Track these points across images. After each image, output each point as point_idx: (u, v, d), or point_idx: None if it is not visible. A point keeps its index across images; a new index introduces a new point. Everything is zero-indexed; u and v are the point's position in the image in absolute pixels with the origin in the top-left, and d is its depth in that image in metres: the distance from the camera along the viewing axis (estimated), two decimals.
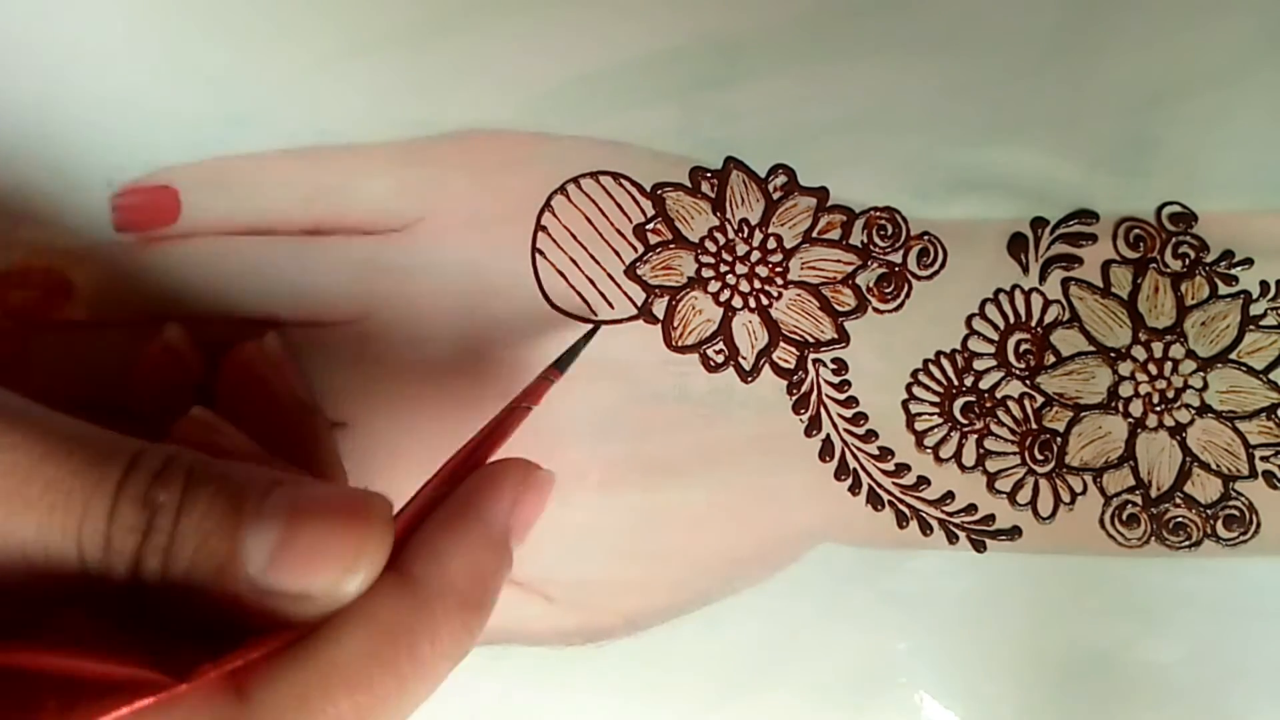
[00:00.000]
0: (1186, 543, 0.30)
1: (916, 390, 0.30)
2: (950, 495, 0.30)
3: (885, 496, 0.30)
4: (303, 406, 0.28)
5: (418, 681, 0.20)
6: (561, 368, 0.28)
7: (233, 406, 0.27)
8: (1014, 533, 0.30)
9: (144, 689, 0.17)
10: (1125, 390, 0.30)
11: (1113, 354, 0.30)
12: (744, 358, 0.30)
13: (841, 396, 0.30)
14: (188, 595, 0.19)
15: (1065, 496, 0.30)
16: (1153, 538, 0.30)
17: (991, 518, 0.30)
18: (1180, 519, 0.30)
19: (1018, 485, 0.30)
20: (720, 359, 0.30)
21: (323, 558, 0.19)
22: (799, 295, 0.30)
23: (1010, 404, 0.30)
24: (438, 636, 0.20)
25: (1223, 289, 0.30)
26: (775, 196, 0.30)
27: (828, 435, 0.30)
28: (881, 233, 0.30)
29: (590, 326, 0.30)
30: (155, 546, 0.19)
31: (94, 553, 0.19)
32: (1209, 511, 0.30)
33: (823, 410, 0.30)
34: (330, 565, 0.19)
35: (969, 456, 0.30)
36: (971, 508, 0.30)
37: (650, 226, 0.30)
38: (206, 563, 0.19)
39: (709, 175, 0.30)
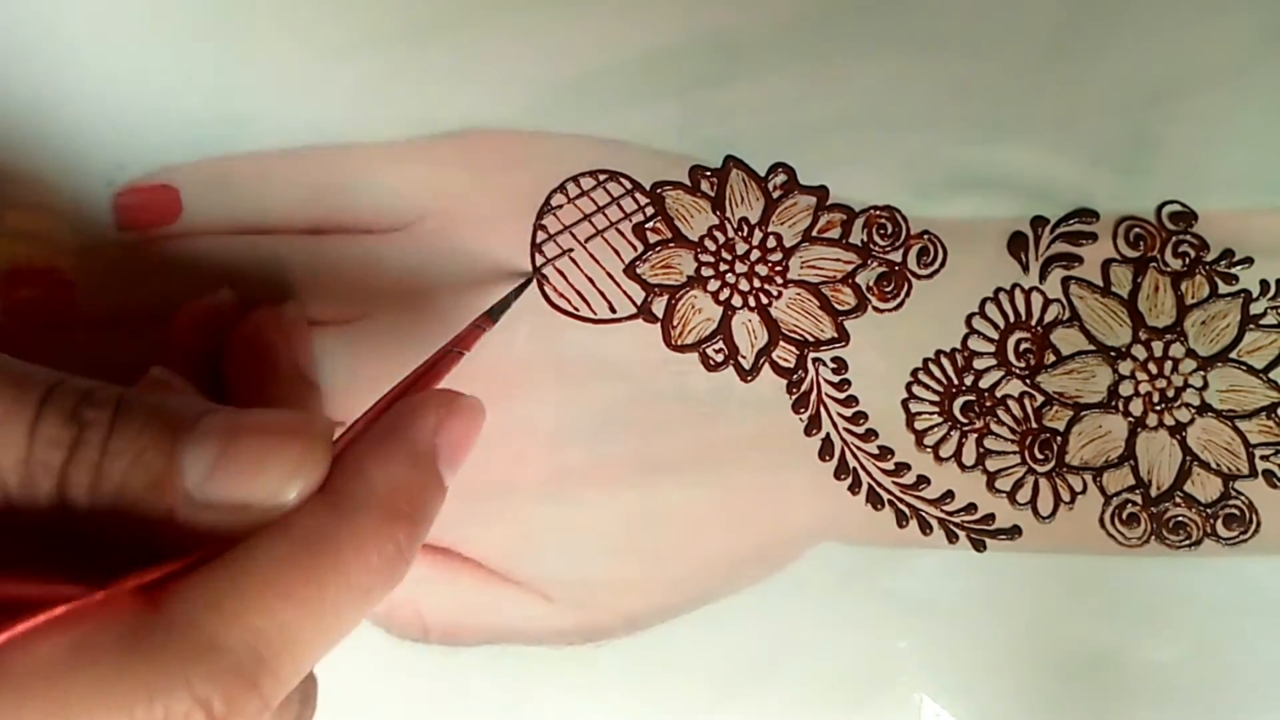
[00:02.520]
0: (1186, 542, 0.30)
1: (916, 389, 0.30)
2: (950, 494, 0.30)
3: (885, 496, 0.30)
4: (302, 379, 0.28)
5: (341, 594, 0.19)
6: (494, 316, 0.28)
7: (236, 365, 0.27)
8: (1014, 532, 0.30)
9: (57, 602, 0.17)
10: (1125, 389, 0.30)
11: (1113, 353, 0.30)
12: (744, 357, 0.30)
13: (841, 395, 0.30)
14: (117, 519, 0.19)
15: (1065, 496, 0.30)
16: (1153, 537, 0.30)
17: (991, 517, 0.30)
18: (1180, 518, 0.30)
19: (1018, 484, 0.30)
20: (720, 358, 0.30)
21: (263, 465, 0.19)
22: (799, 294, 0.30)
23: (1010, 403, 0.30)
24: (362, 548, 0.19)
25: (1223, 288, 0.30)
26: (775, 195, 0.30)
27: (827, 434, 0.30)
28: (881, 231, 0.30)
29: (526, 277, 0.30)
30: (84, 461, 0.18)
31: (13, 473, 0.18)
32: (1209, 511, 0.30)
33: (822, 409, 0.30)
34: (271, 473, 0.19)
35: (969, 456, 0.30)
36: (971, 507, 0.30)
37: (650, 225, 0.30)
38: (141, 478, 0.19)
39: (708, 174, 0.30)
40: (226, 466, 0.19)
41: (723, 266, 0.30)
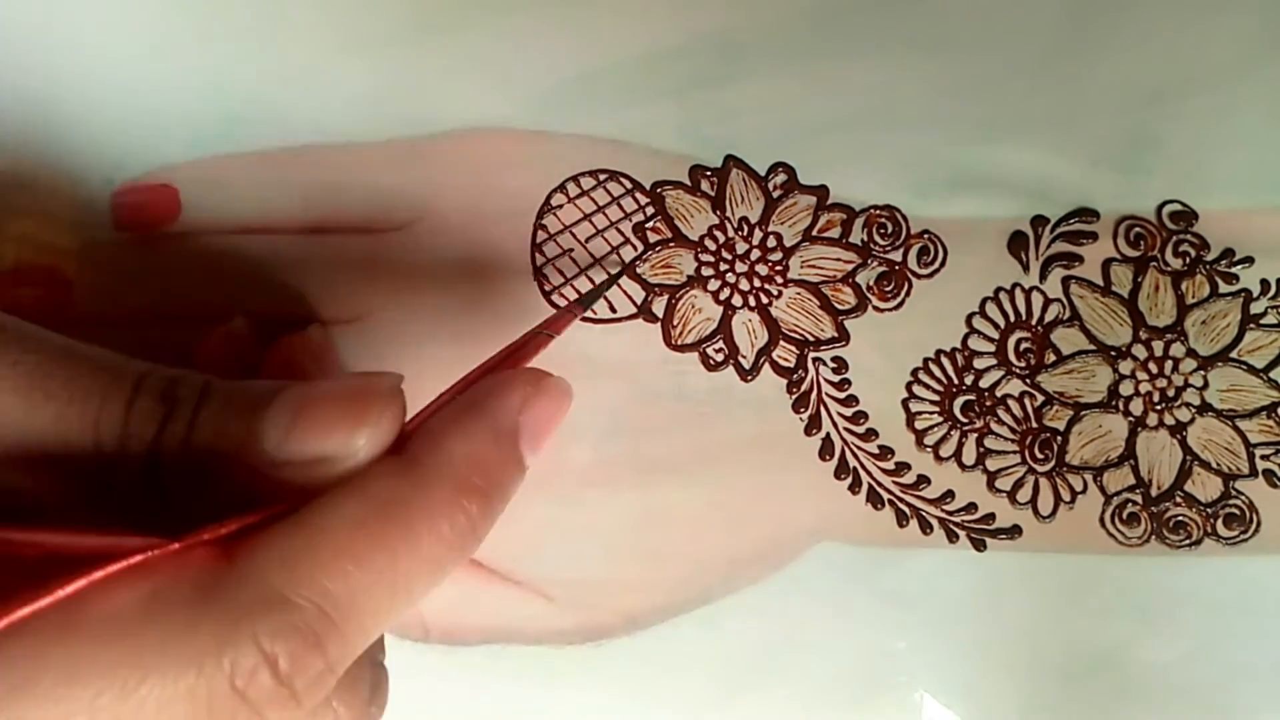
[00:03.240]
0: (1187, 541, 0.30)
1: (916, 389, 0.30)
2: (950, 494, 0.30)
3: (885, 495, 0.30)
4: None
5: (411, 563, 0.19)
6: (585, 304, 0.28)
7: None
8: (1014, 531, 0.30)
9: (135, 552, 0.17)
10: (1126, 389, 0.30)
11: (1113, 352, 0.30)
12: (744, 356, 0.30)
13: (841, 395, 0.30)
14: (202, 481, 0.19)
15: (1065, 495, 0.30)
16: (1153, 536, 0.30)
17: (991, 516, 0.30)
18: (1180, 518, 0.30)
19: (1018, 484, 0.30)
20: (720, 358, 0.30)
21: (333, 420, 0.19)
22: (799, 294, 0.30)
23: (1010, 403, 0.30)
24: (434, 517, 0.20)
25: (1223, 287, 0.30)
26: (775, 195, 0.30)
27: (827, 434, 0.30)
28: (882, 231, 0.30)
29: (616, 271, 0.30)
30: (173, 433, 0.20)
31: (111, 440, 0.19)
32: (1209, 510, 0.30)
33: (822, 409, 0.30)
34: (341, 425, 0.19)
35: (969, 455, 0.30)
36: (971, 506, 0.30)
37: (650, 225, 0.30)
38: (224, 443, 0.20)
39: (709, 173, 0.30)
40: (300, 425, 0.19)
41: (723, 266, 0.30)
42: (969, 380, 0.30)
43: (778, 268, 0.30)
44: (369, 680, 0.22)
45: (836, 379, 0.30)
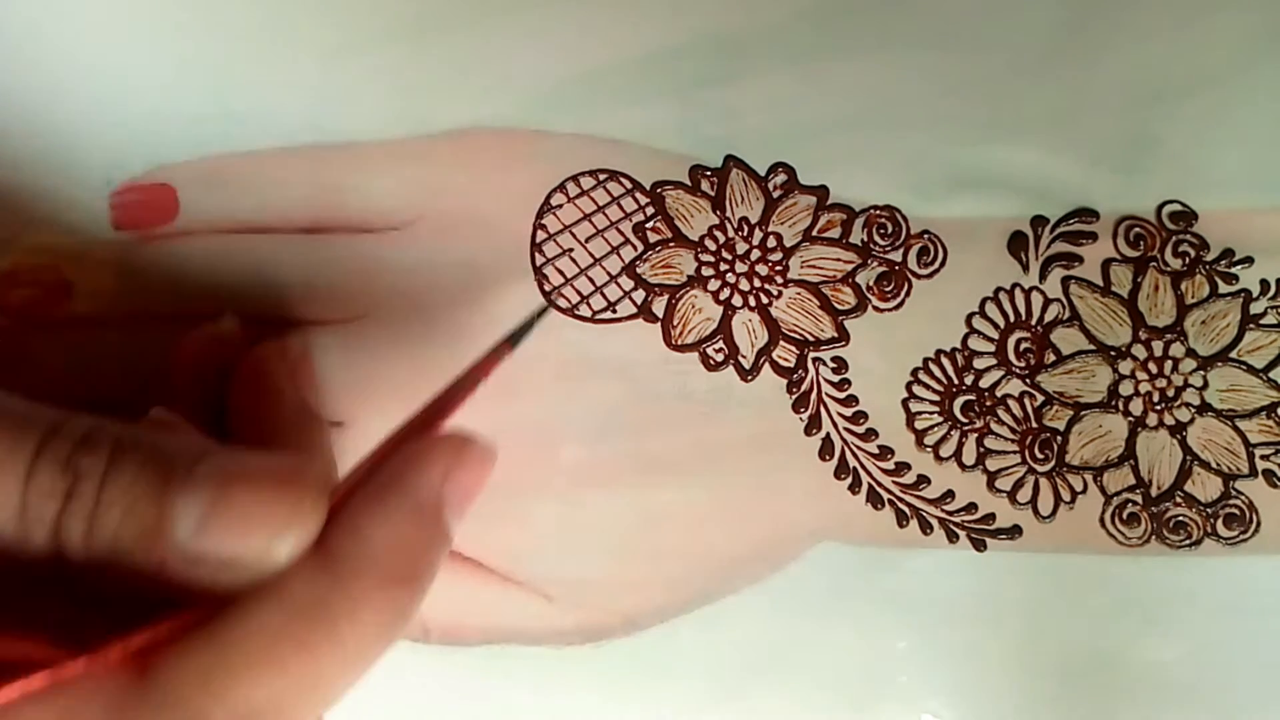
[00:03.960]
0: (1187, 541, 0.30)
1: (916, 389, 0.30)
2: (950, 494, 0.30)
3: (885, 495, 0.30)
4: (307, 414, 0.27)
5: (336, 662, 0.18)
6: (514, 343, 0.27)
7: (240, 400, 0.26)
8: (1014, 532, 0.30)
9: (39, 667, 0.16)
10: (1125, 389, 0.30)
11: (1113, 352, 0.30)
12: (744, 356, 0.30)
13: (841, 395, 0.30)
14: (112, 569, 0.18)
15: (1065, 495, 0.30)
16: (1153, 536, 0.30)
17: (992, 517, 0.30)
18: (1180, 518, 0.30)
19: (1018, 484, 0.30)
20: (720, 357, 0.30)
21: (253, 521, 0.18)
22: (799, 294, 0.30)
23: (1010, 403, 0.30)
24: (358, 614, 0.18)
25: (1223, 287, 0.30)
26: (775, 195, 0.30)
27: (827, 434, 0.30)
28: (881, 231, 0.30)
29: (542, 304, 0.29)
30: (78, 512, 0.18)
31: (9, 524, 0.18)
32: (1209, 510, 0.30)
33: (822, 409, 0.30)
34: (261, 528, 0.18)
35: (969, 455, 0.30)
36: (971, 506, 0.30)
37: (650, 225, 0.30)
38: (133, 529, 0.18)
39: (709, 173, 0.30)
40: (216, 520, 0.18)
41: (723, 266, 0.30)
42: (969, 380, 0.30)
43: (778, 268, 0.30)
44: None
45: (836, 379, 0.30)
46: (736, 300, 0.30)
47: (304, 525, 0.19)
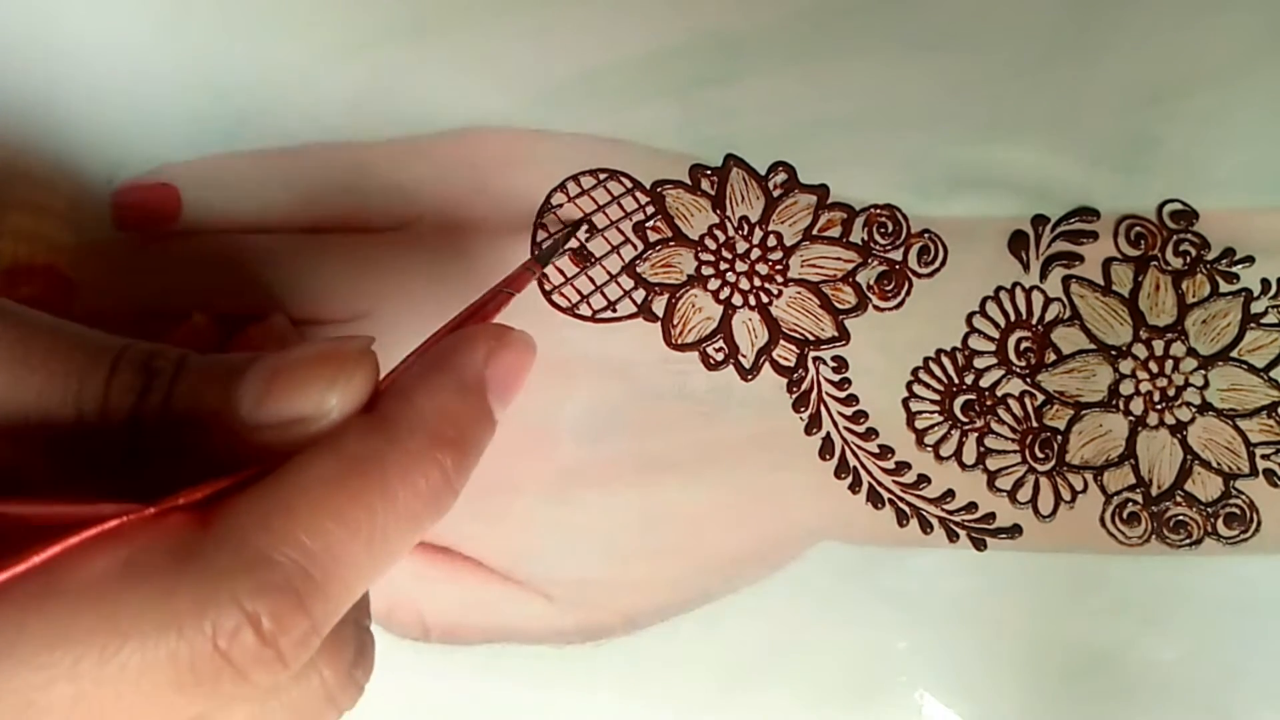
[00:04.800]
0: (1187, 541, 0.30)
1: (917, 388, 0.30)
2: (950, 493, 0.30)
3: (885, 495, 0.30)
4: None
5: (390, 516, 0.19)
6: (543, 261, 0.28)
7: None
8: (1014, 531, 0.30)
9: (110, 518, 0.17)
10: (1126, 388, 0.30)
11: (1113, 352, 0.30)
12: (744, 356, 0.30)
13: (841, 394, 0.30)
14: (181, 449, 0.20)
15: (1066, 495, 0.30)
16: (1153, 536, 0.30)
17: (992, 516, 0.30)
18: (1181, 517, 0.30)
19: (1018, 483, 0.30)
20: (720, 357, 0.30)
21: (307, 380, 0.19)
22: (799, 293, 0.30)
23: (1011, 402, 0.30)
24: (409, 472, 0.19)
25: (1224, 287, 0.30)
26: (775, 194, 0.30)
27: (828, 433, 0.30)
28: (882, 230, 0.30)
29: (577, 220, 0.29)
30: (151, 402, 0.20)
31: (92, 411, 0.20)
32: (1210, 510, 0.30)
33: (823, 408, 0.30)
34: (314, 384, 0.19)
35: (969, 455, 0.30)
36: (972, 506, 0.30)
37: (650, 224, 0.30)
38: (201, 410, 0.20)
39: (709, 173, 0.30)
40: (275, 388, 0.19)
41: (723, 265, 0.30)
42: (969, 380, 0.30)
43: (778, 267, 0.30)
44: (353, 643, 0.22)
45: (837, 378, 0.30)
46: (737, 299, 0.30)
47: (352, 379, 0.20)
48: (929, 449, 0.30)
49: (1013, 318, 0.30)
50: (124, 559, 0.17)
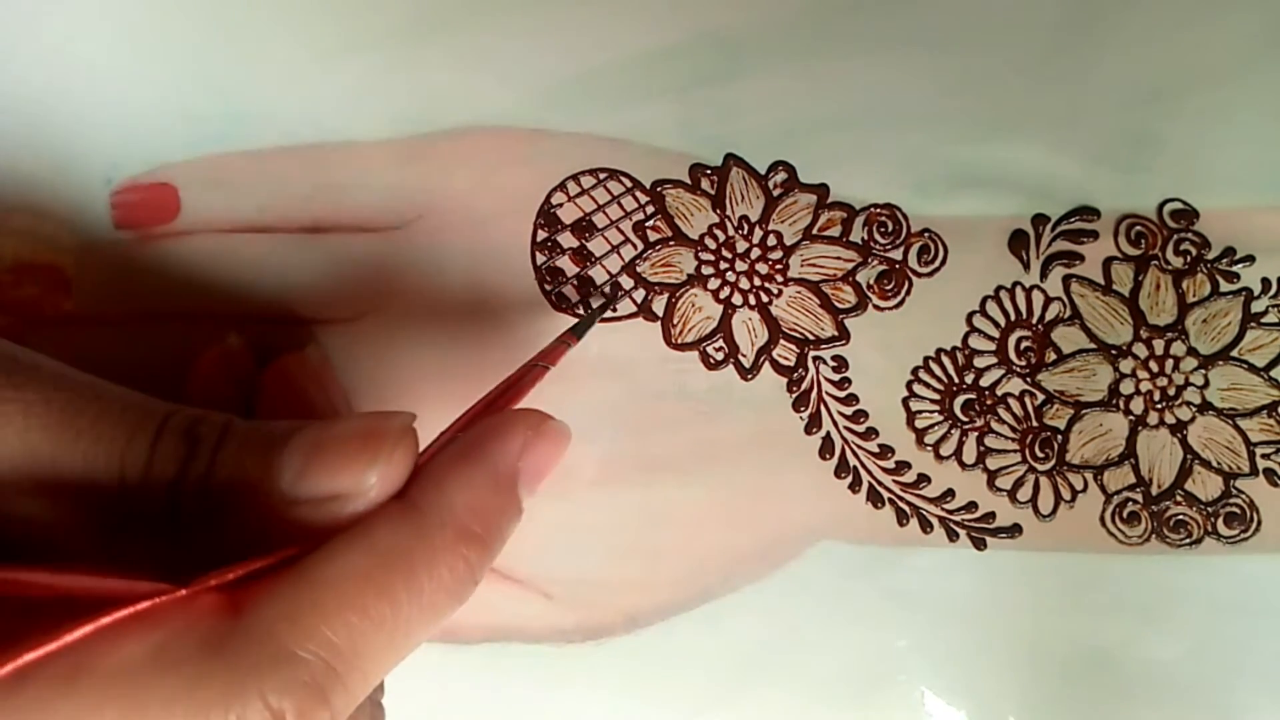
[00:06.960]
0: (1187, 540, 0.30)
1: (917, 388, 0.30)
2: (950, 493, 0.30)
3: (885, 494, 0.30)
4: (340, 416, 0.28)
5: (414, 609, 0.19)
6: (578, 333, 0.28)
7: (269, 413, 0.27)
8: (1014, 530, 0.30)
9: (142, 597, 0.17)
10: (1126, 387, 0.30)
11: (1114, 351, 0.30)
12: (744, 355, 0.30)
13: (841, 394, 0.30)
14: (219, 519, 0.20)
15: (1066, 494, 0.30)
16: (1153, 535, 0.30)
17: (992, 515, 0.30)
18: (1181, 516, 0.30)
19: (1018, 483, 0.30)
20: (720, 356, 0.30)
21: (347, 459, 0.20)
22: (799, 292, 0.30)
23: (1011, 401, 0.30)
24: (435, 566, 0.20)
25: (1224, 286, 0.30)
26: (775, 193, 0.30)
27: (828, 433, 0.30)
28: (882, 230, 0.30)
29: (609, 294, 0.30)
30: (194, 470, 0.20)
31: (134, 476, 0.20)
32: (1210, 509, 0.30)
33: (823, 408, 0.30)
34: (353, 464, 0.20)
35: (969, 454, 0.30)
36: (972, 505, 0.30)
37: (650, 223, 0.30)
38: (242, 480, 0.20)
39: (709, 172, 0.30)
40: (315, 463, 0.20)
41: (723, 265, 0.30)
42: (969, 379, 0.30)
43: (778, 266, 0.30)
44: (368, 708, 0.22)
45: (836, 378, 0.30)
46: (736, 299, 0.30)
47: (392, 459, 0.20)
48: (929, 448, 0.30)
49: (1013, 317, 0.30)
50: (154, 645, 0.17)
